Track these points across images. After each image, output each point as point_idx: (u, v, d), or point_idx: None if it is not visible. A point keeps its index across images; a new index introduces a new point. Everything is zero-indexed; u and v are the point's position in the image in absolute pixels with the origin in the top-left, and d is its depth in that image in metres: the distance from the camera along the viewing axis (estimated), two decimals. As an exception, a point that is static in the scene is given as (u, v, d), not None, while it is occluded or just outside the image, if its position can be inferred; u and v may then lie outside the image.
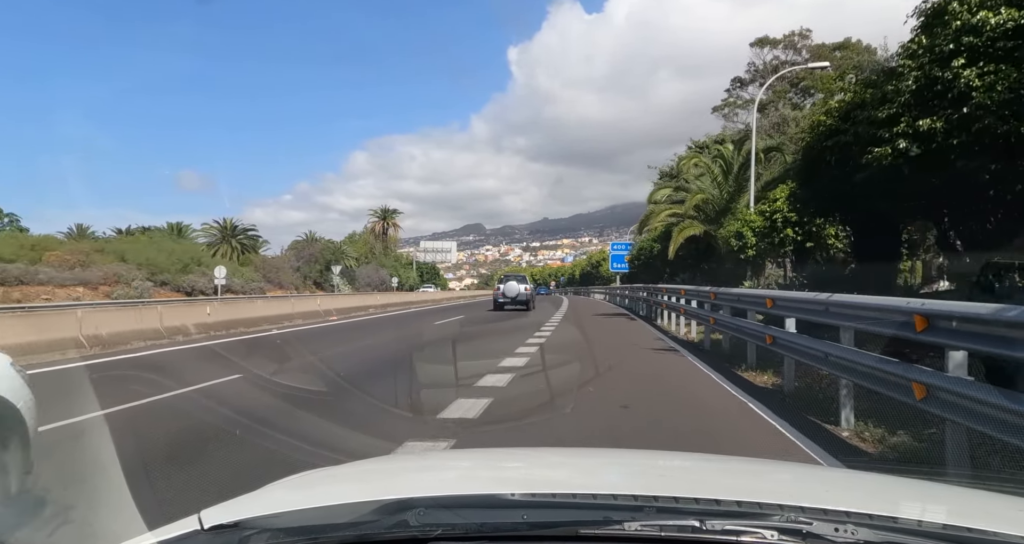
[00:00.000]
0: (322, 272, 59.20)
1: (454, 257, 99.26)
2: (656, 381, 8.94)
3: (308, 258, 60.18)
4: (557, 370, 9.53)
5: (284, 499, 1.46)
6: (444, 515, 1.19)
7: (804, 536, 1.11)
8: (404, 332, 18.04)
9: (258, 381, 8.64)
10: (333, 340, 15.66)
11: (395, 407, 6.86)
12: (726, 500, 1.27)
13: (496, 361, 10.05)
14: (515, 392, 7.67)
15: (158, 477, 4.29)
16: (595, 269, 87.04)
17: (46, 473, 3.87)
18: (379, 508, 1.21)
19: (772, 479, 1.83)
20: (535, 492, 1.38)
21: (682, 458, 2.45)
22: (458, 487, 1.60)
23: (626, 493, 1.33)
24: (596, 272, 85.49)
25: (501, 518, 1.21)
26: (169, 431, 5.78)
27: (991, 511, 1.44)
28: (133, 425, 5.93)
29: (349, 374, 9.06)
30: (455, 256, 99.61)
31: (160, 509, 3.39)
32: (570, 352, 12.29)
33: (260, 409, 6.70)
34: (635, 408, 6.84)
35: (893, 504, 1.42)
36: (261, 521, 1.21)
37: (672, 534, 1.13)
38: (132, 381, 8.50)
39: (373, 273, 76.99)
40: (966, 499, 1.61)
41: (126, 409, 6.63)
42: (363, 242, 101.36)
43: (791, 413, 6.66)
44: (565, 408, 6.51)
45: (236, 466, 4.63)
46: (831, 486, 1.71)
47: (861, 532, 1.12)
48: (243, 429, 5.59)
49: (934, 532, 1.15)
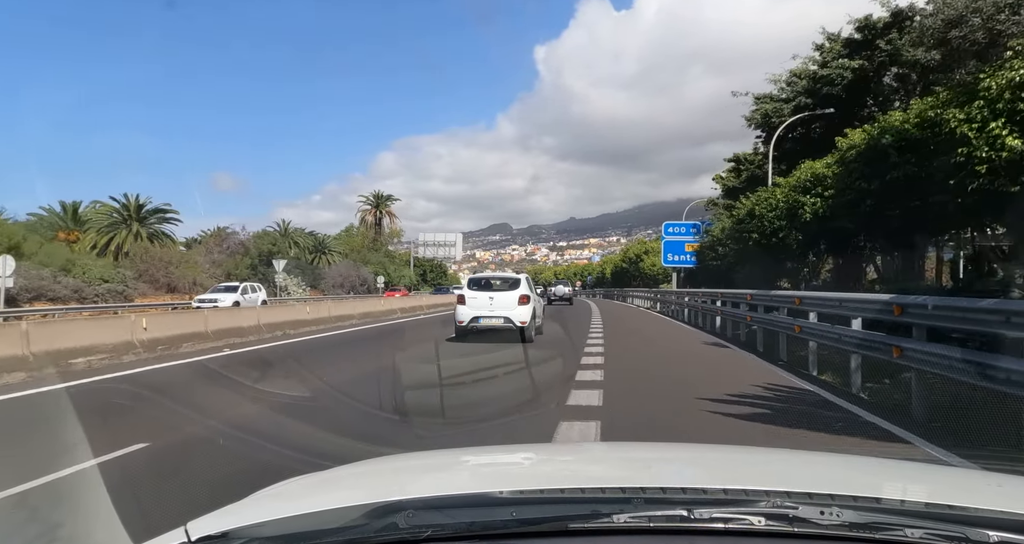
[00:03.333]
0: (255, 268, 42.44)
1: (459, 251, 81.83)
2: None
3: (233, 250, 43.15)
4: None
5: (271, 507, 1.45)
6: (433, 516, 1.20)
7: (791, 520, 1.14)
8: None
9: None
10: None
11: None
12: (712, 488, 1.31)
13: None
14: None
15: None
16: (633, 265, 68.56)
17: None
18: (368, 512, 1.21)
19: (758, 466, 1.85)
20: (523, 489, 1.41)
21: (668, 449, 2.54)
22: (446, 487, 1.55)
23: (614, 486, 1.34)
24: (634, 269, 66.99)
25: (490, 516, 1.20)
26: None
27: (970, 488, 1.53)
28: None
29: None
30: (460, 249, 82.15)
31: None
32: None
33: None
34: None
35: (876, 485, 1.49)
36: (249, 531, 1.19)
37: (661, 524, 1.14)
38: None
39: (348, 271, 60.10)
40: (946, 477, 1.77)
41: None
42: (362, 237, 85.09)
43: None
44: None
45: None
46: (816, 470, 1.75)
47: (846, 514, 1.14)
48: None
49: (917, 510, 1.19)
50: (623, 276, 72.03)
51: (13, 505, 3.88)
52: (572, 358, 10.94)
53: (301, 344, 15.15)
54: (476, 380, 9.00)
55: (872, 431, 5.94)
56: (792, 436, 5.79)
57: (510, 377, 9.40)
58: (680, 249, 34.65)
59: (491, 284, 15.39)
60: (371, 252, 76.22)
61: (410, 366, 10.64)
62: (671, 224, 35.39)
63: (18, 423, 6.92)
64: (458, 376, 9.25)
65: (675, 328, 21.10)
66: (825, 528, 1.12)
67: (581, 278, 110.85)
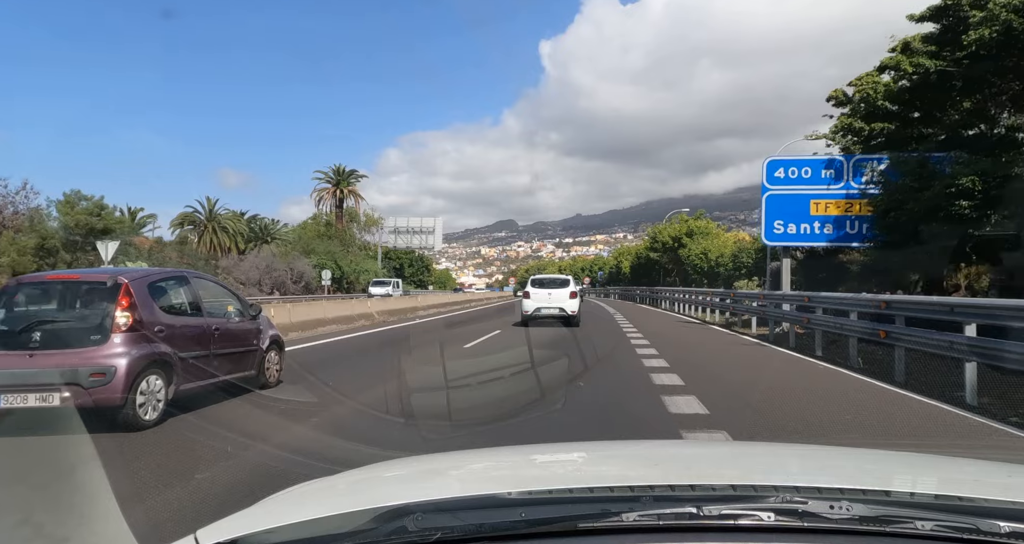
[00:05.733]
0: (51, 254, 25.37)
1: (438, 239, 64.71)
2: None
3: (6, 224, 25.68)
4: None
5: (280, 513, 1.42)
6: (442, 518, 1.18)
7: (800, 515, 1.12)
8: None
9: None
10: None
11: None
12: (721, 485, 1.32)
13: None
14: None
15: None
16: (668, 253, 49.96)
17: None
18: (377, 516, 1.19)
19: (765, 461, 1.83)
20: (532, 490, 1.39)
21: (675, 446, 2.67)
22: (454, 490, 1.56)
23: (622, 485, 1.34)
24: (669, 260, 48.84)
25: (499, 518, 1.18)
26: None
27: (980, 478, 1.51)
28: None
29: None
30: (439, 238, 65.09)
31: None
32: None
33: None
34: None
35: (885, 478, 1.49)
36: (258, 537, 1.19)
37: (670, 522, 1.13)
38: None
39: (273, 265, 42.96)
40: (955, 468, 1.68)
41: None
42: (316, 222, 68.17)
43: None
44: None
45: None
46: (824, 464, 1.74)
47: (856, 507, 1.13)
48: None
49: (927, 503, 1.19)
50: (649, 270, 54.29)
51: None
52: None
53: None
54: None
55: None
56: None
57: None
58: (799, 210, 17.57)
59: (548, 283, 20.07)
60: (321, 240, 59.23)
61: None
62: (780, 162, 18.10)
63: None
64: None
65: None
66: (835, 522, 1.12)
67: (591, 274, 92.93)
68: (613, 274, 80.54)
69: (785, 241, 17.90)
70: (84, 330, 5.83)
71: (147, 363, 5.81)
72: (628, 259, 69.15)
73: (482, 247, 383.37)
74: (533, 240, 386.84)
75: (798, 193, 17.49)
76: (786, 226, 17.65)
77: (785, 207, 17.59)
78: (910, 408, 7.16)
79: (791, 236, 17.68)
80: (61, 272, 10.45)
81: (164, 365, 6.03)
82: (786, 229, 17.66)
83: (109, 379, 5.50)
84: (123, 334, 5.76)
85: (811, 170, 17.42)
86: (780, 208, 17.66)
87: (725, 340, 15.51)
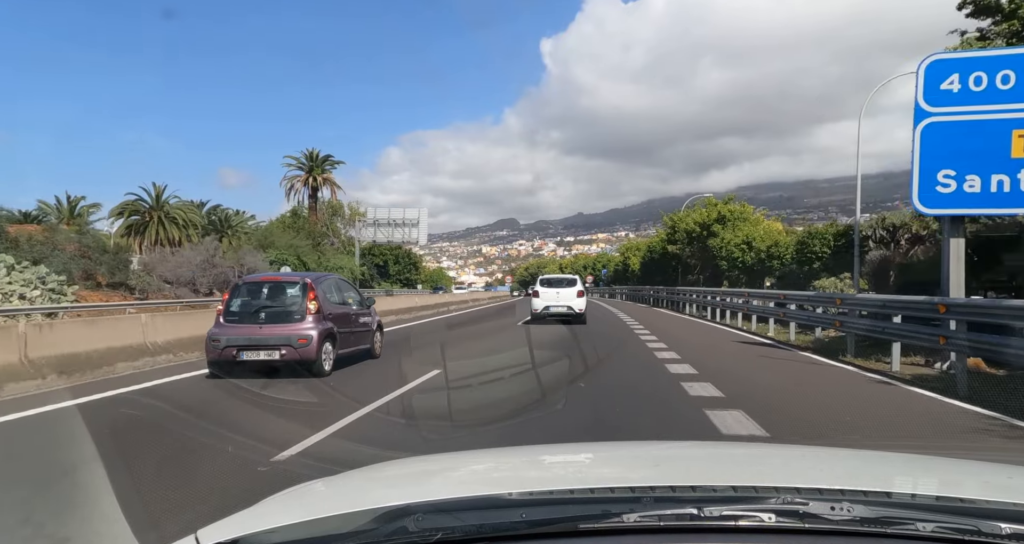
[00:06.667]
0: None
1: (423, 233, 56.84)
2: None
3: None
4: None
5: (281, 513, 1.41)
6: (442, 519, 1.18)
7: (801, 516, 1.11)
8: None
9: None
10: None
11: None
12: (722, 486, 1.29)
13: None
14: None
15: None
16: (692, 244, 40.78)
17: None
18: (377, 517, 1.19)
19: (766, 462, 1.82)
20: (532, 490, 1.38)
21: (676, 447, 2.53)
22: (455, 490, 1.54)
23: (623, 485, 1.33)
24: (694, 252, 40.50)
25: (500, 518, 1.18)
26: None
27: (981, 480, 1.50)
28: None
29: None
30: (424, 232, 57.30)
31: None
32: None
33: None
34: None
35: (886, 479, 1.49)
36: (259, 537, 1.18)
37: (671, 523, 1.12)
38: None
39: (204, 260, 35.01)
40: (956, 469, 1.66)
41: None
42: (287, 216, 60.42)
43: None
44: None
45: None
46: (825, 465, 1.71)
47: (857, 509, 1.12)
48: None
49: (928, 504, 1.17)
50: (664, 266, 46.18)
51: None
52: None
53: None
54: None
55: None
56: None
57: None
58: (990, 149, 9.58)
59: (556, 282, 20.87)
60: (286, 231, 51.43)
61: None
62: (955, 63, 10.14)
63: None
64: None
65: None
66: (836, 524, 1.11)
67: (594, 271, 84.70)
68: (619, 272, 72.42)
69: (959, 207, 10.00)
70: (290, 313, 9.41)
71: (326, 334, 9.44)
72: (638, 255, 60.85)
73: (483, 246, 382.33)
74: (534, 239, 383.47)
75: (989, 119, 9.64)
76: (960, 180, 9.82)
77: (961, 144, 9.74)
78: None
79: (973, 197, 9.80)
80: (269, 275, 13.72)
81: (332, 336, 9.67)
82: (960, 185, 9.81)
83: (309, 343, 9.06)
84: (312, 315, 9.33)
85: (1015, 75, 9.57)
86: (951, 147, 9.81)
87: (897, 400, 7.73)
